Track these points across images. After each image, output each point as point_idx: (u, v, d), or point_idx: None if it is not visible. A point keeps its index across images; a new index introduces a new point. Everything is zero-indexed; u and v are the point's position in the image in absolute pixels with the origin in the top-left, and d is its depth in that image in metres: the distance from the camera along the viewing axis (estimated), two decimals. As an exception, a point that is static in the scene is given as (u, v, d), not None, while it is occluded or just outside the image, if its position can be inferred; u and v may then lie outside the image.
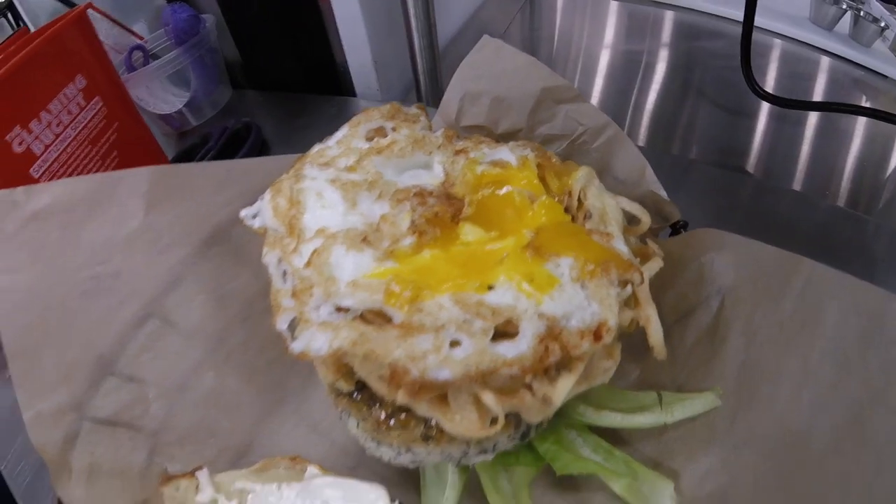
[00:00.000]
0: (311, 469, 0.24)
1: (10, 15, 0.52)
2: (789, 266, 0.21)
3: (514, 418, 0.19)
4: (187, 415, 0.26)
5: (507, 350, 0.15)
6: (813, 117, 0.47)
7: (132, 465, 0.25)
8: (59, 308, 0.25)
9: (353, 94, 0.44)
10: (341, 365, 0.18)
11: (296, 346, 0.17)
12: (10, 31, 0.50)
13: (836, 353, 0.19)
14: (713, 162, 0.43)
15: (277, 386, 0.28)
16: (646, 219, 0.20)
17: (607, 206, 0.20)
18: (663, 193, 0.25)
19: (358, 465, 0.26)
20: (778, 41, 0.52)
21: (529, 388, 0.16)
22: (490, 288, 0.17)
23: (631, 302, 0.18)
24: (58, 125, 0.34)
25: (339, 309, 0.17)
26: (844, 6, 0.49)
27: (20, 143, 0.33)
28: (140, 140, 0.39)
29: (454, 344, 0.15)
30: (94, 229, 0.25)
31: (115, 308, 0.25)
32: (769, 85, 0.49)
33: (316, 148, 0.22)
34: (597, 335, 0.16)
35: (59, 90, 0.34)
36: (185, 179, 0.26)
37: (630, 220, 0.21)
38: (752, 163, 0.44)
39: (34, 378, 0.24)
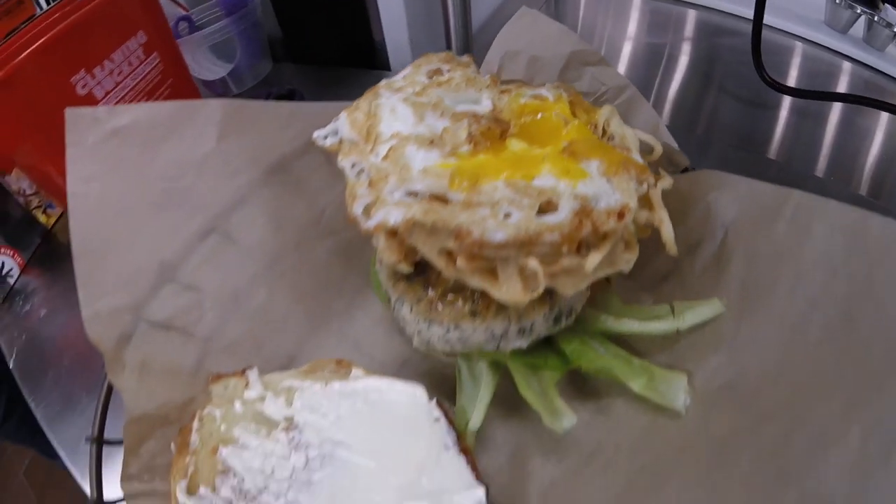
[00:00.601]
0: (356, 371, 0.30)
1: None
2: (781, 197, 0.28)
3: (549, 299, 0.25)
4: (238, 326, 0.32)
5: (549, 219, 0.22)
6: (834, 115, 0.55)
7: (182, 368, 0.30)
8: (129, 216, 0.31)
9: (388, 69, 0.52)
10: (404, 246, 0.24)
11: (372, 222, 0.23)
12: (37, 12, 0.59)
13: (825, 260, 0.25)
14: (734, 149, 0.51)
15: (324, 307, 0.34)
16: (658, 147, 0.27)
17: (626, 133, 0.27)
18: (674, 144, 0.32)
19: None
20: (797, 43, 0.61)
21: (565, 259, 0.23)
22: (534, 178, 0.23)
23: (647, 206, 0.25)
24: (118, 74, 0.42)
25: (409, 193, 0.23)
26: (859, 11, 0.58)
27: (84, 86, 0.40)
28: (190, 98, 0.46)
29: (506, 216, 0.22)
30: (171, 149, 0.32)
31: (182, 220, 0.32)
32: (789, 84, 0.57)
33: (384, 82, 0.29)
34: (620, 214, 0.22)
35: (122, 42, 0.42)
36: (255, 114, 0.33)
37: (645, 151, 0.28)
38: (773, 153, 0.52)
39: (97, 278, 0.29)
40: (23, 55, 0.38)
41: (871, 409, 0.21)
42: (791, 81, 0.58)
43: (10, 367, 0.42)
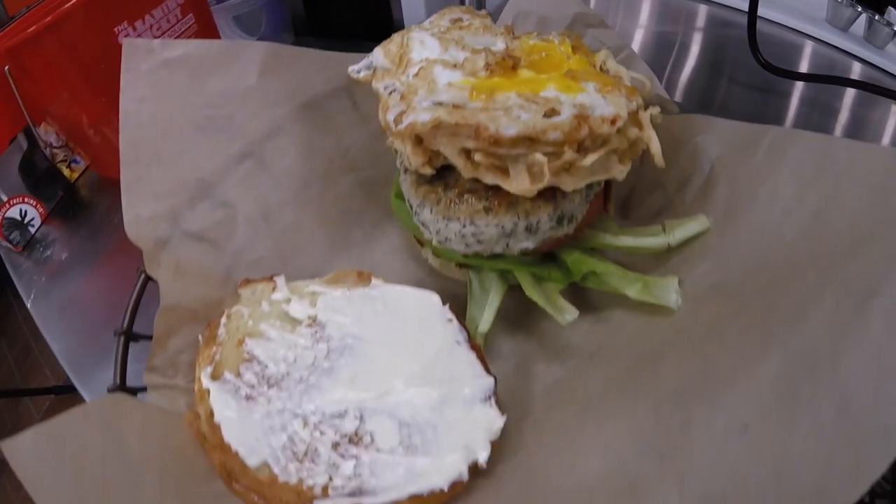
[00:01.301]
0: (375, 280, 0.37)
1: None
2: (760, 131, 0.36)
3: (553, 200, 0.33)
4: (266, 243, 0.40)
5: (554, 120, 0.30)
6: (845, 108, 0.64)
7: (212, 277, 0.37)
8: (175, 134, 0.39)
9: (405, 44, 0.62)
10: (428, 151, 0.32)
11: (402, 125, 0.31)
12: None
13: (797, 176, 0.33)
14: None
15: (344, 236, 0.41)
16: (649, 84, 0.35)
17: (621, 70, 0.35)
18: (666, 95, 0.41)
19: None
20: (801, 40, 0.71)
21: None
22: (540, 92, 0.31)
23: (637, 125, 0.33)
24: (157, 30, 0.51)
25: (436, 103, 0.32)
26: (860, 9, 0.68)
27: (125, 37, 0.49)
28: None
29: (517, 117, 0.30)
30: (217, 80, 0.40)
31: (222, 143, 0.39)
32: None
33: (413, 26, 0.38)
34: (612, 121, 0.30)
35: (162, 0, 0.51)
36: (293, 57, 0.42)
37: (638, 88, 0.36)
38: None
39: (140, 186, 0.37)
40: (71, 2, 0.46)
41: (840, 277, 0.27)
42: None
43: (28, 306, 0.49)
